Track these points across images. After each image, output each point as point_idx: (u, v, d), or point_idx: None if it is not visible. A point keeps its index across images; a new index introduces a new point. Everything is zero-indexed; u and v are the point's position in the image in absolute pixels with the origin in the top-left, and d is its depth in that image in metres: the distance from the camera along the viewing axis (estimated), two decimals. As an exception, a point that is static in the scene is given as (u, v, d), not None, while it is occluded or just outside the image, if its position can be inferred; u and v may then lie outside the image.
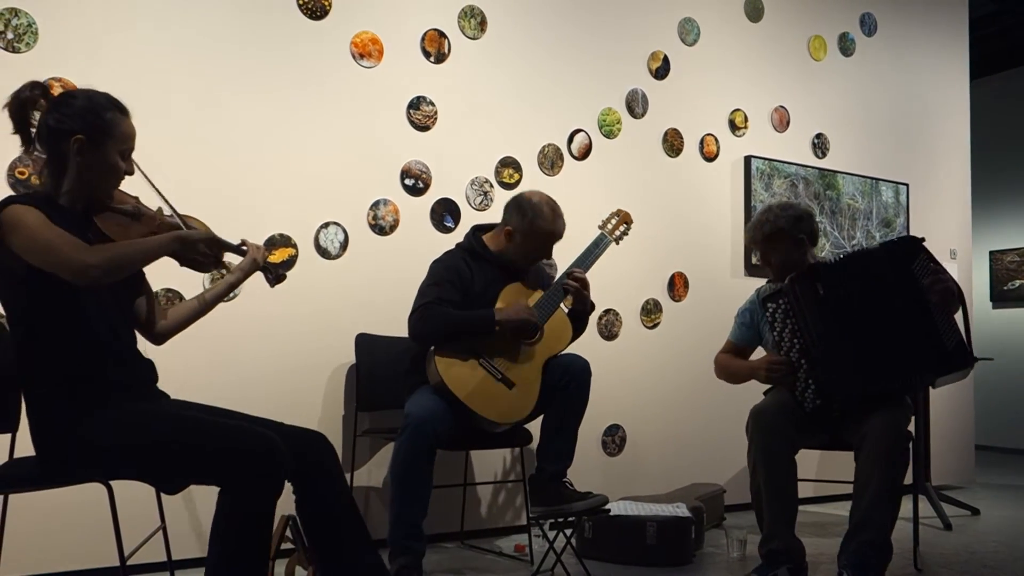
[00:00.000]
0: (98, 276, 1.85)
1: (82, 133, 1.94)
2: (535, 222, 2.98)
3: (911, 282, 2.80)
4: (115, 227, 2.02)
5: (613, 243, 3.16)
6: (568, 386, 2.91)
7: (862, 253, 3.03)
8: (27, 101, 1.98)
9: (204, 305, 2.32)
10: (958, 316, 2.85)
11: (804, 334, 2.88)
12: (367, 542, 2.16)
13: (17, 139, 2.93)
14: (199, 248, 2.01)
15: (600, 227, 3.17)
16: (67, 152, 1.95)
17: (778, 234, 3.05)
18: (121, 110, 2.01)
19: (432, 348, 2.86)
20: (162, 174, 3.05)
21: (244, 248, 2.23)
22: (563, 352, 3.00)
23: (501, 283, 3.01)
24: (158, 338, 2.28)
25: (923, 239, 2.88)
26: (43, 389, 1.93)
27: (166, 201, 2.10)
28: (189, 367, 2.98)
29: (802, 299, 2.89)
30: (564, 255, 3.82)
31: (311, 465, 2.08)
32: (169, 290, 3.05)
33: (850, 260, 2.98)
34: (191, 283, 2.97)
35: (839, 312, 2.86)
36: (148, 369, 2.14)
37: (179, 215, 2.12)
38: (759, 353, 3.26)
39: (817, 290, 2.87)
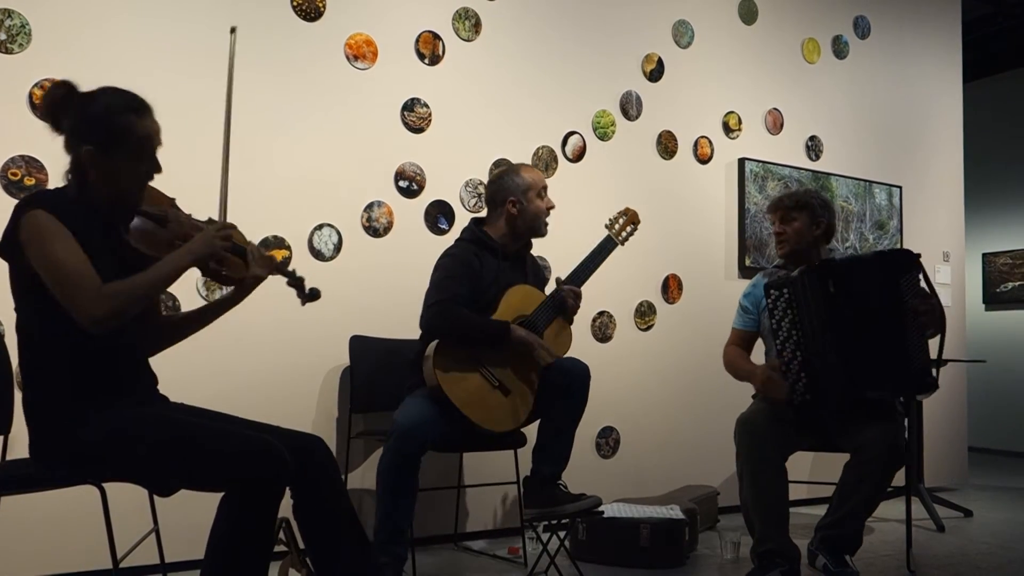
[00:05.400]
0: (105, 326, 1.81)
1: (93, 143, 1.89)
2: (524, 174, 3.02)
3: (895, 295, 2.84)
4: (141, 235, 1.97)
5: (619, 246, 3.10)
6: (568, 389, 2.90)
7: (859, 258, 3.06)
8: (55, 102, 1.93)
9: (189, 322, 2.22)
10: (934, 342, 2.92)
11: (804, 327, 2.90)
12: (366, 549, 2.15)
13: (6, 139, 2.90)
14: (212, 261, 1.93)
15: (607, 227, 3.10)
16: (81, 160, 1.91)
17: (802, 207, 3.10)
18: (138, 110, 1.95)
19: (430, 351, 2.82)
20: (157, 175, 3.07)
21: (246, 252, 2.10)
22: (564, 355, 2.99)
23: (507, 275, 2.99)
24: (147, 350, 2.17)
25: (919, 255, 2.90)
26: (44, 388, 1.92)
27: (222, 211, 2.02)
28: (183, 369, 2.96)
29: (809, 292, 2.90)
30: (561, 258, 3.82)
31: (311, 469, 2.06)
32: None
33: (853, 263, 3.01)
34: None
35: (842, 312, 2.87)
36: (148, 374, 2.13)
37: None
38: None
39: (828, 286, 2.89)
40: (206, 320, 2.23)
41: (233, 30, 2.03)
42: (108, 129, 1.90)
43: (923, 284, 2.87)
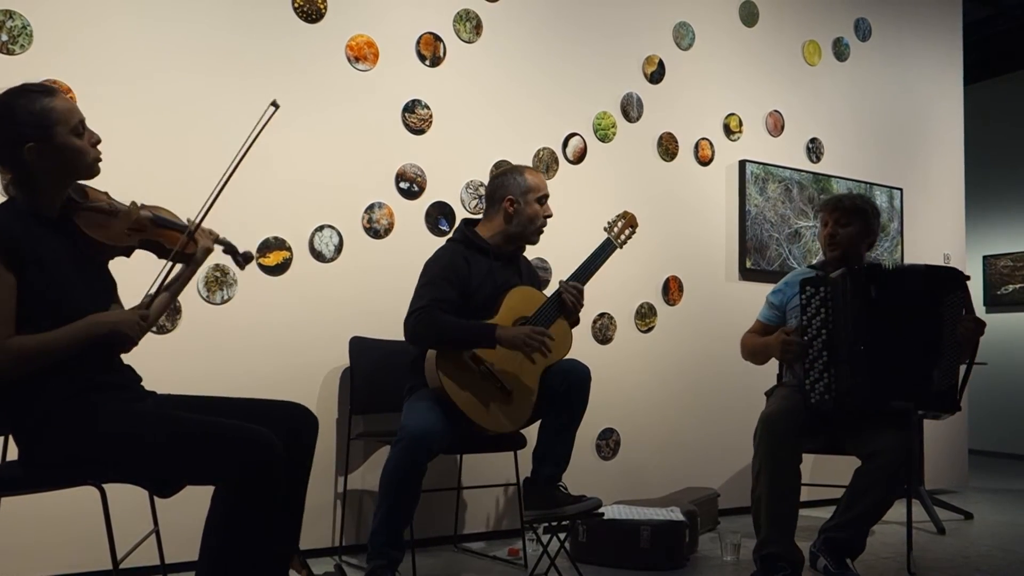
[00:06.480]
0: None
1: (32, 140, 1.90)
2: (528, 177, 3.02)
3: (937, 312, 2.87)
4: (94, 226, 2.01)
5: (618, 249, 3.08)
6: (568, 392, 2.89)
7: (907, 269, 3.07)
8: None
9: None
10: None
11: (836, 328, 2.90)
12: (295, 532, 2.19)
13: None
14: (121, 329, 1.95)
15: (606, 229, 3.07)
16: (27, 162, 1.91)
17: (860, 213, 3.12)
18: (45, 93, 1.95)
19: (432, 354, 2.80)
20: (157, 176, 3.07)
21: (187, 227, 2.13)
22: (564, 357, 2.98)
23: (500, 273, 2.98)
24: None
25: (968, 276, 2.95)
26: (31, 393, 1.92)
27: (203, 212, 2.09)
28: (183, 369, 2.97)
29: (849, 294, 2.90)
30: (562, 259, 3.82)
31: (287, 433, 2.07)
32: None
33: (901, 273, 3.04)
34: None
35: (879, 320, 2.88)
36: (130, 369, 2.14)
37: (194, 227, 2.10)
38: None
39: (870, 291, 2.90)
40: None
41: (275, 104, 2.11)
42: (36, 119, 1.90)
43: (965, 308, 2.89)
